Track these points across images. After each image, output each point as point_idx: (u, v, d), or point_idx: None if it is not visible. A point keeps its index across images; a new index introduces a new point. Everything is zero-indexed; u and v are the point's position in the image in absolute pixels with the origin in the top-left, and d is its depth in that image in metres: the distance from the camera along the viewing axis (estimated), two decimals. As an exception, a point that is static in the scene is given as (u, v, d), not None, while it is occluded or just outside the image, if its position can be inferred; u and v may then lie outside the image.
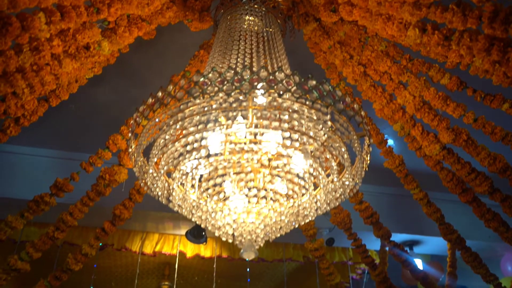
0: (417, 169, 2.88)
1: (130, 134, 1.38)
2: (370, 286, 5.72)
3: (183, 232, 3.80)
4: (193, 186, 1.46)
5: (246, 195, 1.40)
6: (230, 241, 1.51)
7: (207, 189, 1.43)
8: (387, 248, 3.61)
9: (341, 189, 1.52)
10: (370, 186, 4.13)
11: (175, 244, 3.87)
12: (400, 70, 1.91)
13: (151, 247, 3.82)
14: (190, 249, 3.90)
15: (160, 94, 1.30)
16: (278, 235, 1.57)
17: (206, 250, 3.92)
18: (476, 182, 1.98)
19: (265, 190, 1.41)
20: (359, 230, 3.64)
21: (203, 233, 3.38)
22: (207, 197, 1.46)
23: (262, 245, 1.47)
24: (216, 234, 1.54)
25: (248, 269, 4.67)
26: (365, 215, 2.24)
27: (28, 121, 1.74)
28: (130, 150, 1.42)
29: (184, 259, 4.65)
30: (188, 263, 4.80)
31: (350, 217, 2.30)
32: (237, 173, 1.40)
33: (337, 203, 1.55)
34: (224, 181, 1.43)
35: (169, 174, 1.56)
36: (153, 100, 1.32)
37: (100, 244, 3.53)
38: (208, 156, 1.34)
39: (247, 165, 1.38)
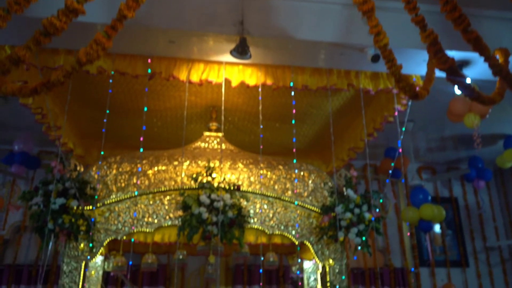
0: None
1: None
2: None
3: (227, 58, 3.85)
4: None
5: None
6: None
7: None
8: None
9: None
10: (421, 5, 3.93)
11: (220, 73, 3.95)
12: None
13: (198, 76, 3.93)
14: (235, 78, 3.98)
15: None
16: None
17: (251, 78, 3.99)
18: None
19: None
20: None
21: (247, 50, 3.41)
22: None
23: None
24: None
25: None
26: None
27: None
28: None
29: (230, 100, 4.81)
30: (234, 105, 4.97)
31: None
32: None
33: None
34: None
35: None
36: None
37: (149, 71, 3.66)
38: None
39: None
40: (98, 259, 4.58)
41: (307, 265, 4.99)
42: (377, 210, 4.03)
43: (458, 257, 7.31)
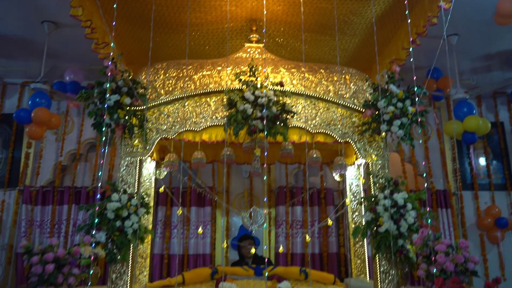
0: None
1: None
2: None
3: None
4: None
5: None
6: None
7: None
8: None
9: None
10: None
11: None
12: None
13: (239, -26, 3.99)
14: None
15: None
16: None
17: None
18: None
19: None
20: None
21: None
22: None
23: None
24: None
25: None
26: None
27: None
28: None
29: (270, 9, 4.85)
30: (274, 16, 4.99)
31: None
32: None
33: None
34: None
35: None
36: None
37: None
38: None
39: None
40: (151, 165, 4.87)
41: (349, 172, 5.10)
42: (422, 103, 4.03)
43: (503, 180, 7.20)
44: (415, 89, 4.08)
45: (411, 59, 4.84)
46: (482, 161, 7.31)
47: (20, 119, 5.30)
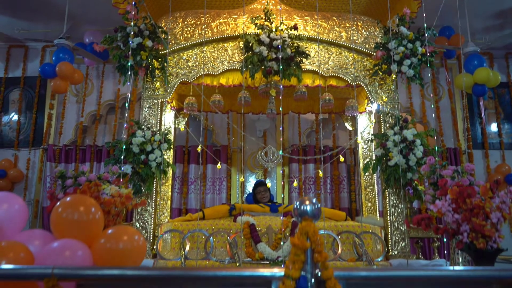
0: None
1: None
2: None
3: None
4: None
5: None
6: None
7: None
8: None
9: None
10: None
11: None
12: None
13: None
14: None
15: None
16: None
17: None
18: None
19: None
20: None
21: None
22: None
23: None
24: None
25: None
26: None
27: None
28: None
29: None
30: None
31: None
32: None
33: None
34: None
35: None
36: None
37: None
38: None
39: None
40: (170, 115, 5.09)
41: (360, 122, 5.26)
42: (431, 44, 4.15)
43: (514, 139, 7.30)
44: (425, 28, 4.20)
45: (423, 14, 4.99)
46: (494, 126, 7.40)
47: (45, 73, 5.55)
